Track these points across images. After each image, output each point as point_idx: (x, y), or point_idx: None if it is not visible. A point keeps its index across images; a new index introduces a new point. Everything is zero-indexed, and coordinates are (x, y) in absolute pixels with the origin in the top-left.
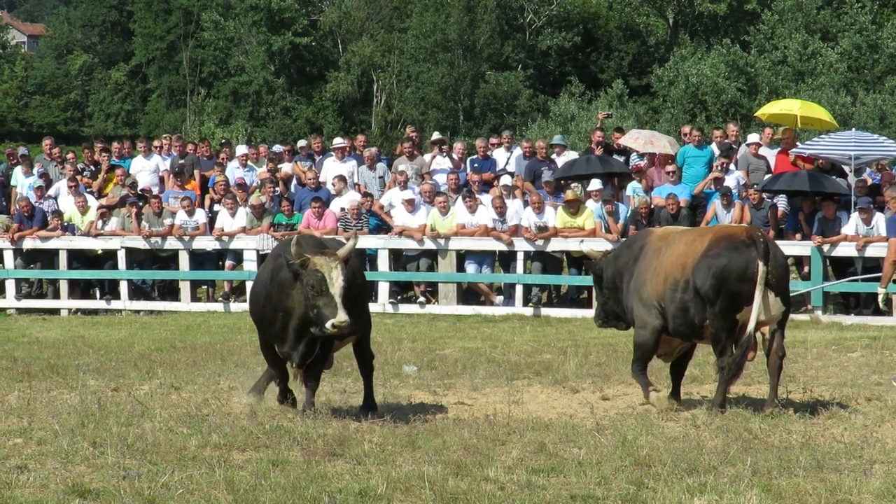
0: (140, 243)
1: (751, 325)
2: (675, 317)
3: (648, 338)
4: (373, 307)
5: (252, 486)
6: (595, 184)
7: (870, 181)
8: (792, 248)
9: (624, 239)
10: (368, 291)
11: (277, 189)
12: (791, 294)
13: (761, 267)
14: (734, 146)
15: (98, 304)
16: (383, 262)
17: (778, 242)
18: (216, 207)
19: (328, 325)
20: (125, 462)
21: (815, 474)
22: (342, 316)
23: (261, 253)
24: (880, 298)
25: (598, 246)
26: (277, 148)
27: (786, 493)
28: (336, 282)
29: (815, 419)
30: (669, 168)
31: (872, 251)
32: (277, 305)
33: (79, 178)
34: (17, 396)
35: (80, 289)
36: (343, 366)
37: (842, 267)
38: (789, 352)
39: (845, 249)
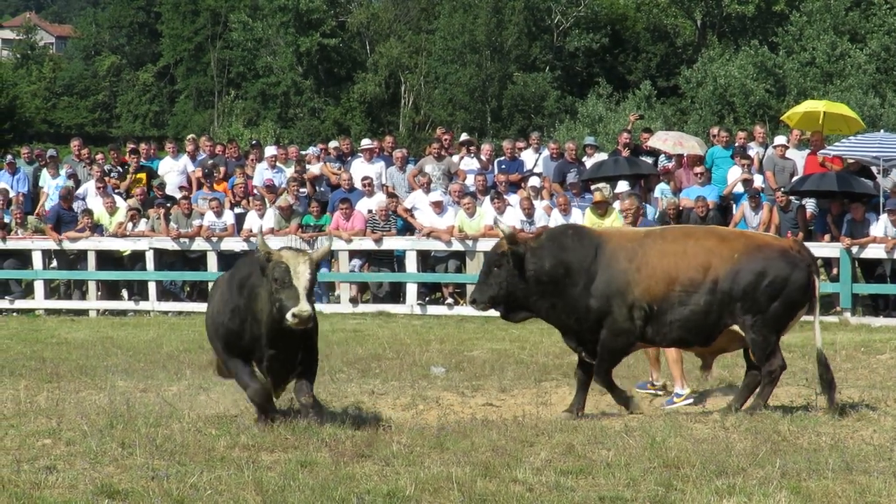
0: (169, 244)
1: (819, 340)
2: (677, 319)
3: (625, 343)
4: (401, 308)
5: (281, 486)
6: (622, 185)
7: None
8: (821, 249)
9: (540, 229)
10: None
11: (304, 190)
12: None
13: (817, 280)
14: (746, 148)
15: (126, 305)
16: (411, 264)
17: (806, 244)
18: (237, 210)
19: (289, 315)
20: (154, 463)
21: (845, 476)
22: (304, 305)
23: None
24: None
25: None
26: (314, 149)
27: (815, 495)
28: (301, 275)
29: (844, 421)
30: (698, 170)
31: None
32: (245, 314)
33: (106, 179)
34: (46, 397)
35: (108, 290)
36: (371, 367)
37: (870, 269)
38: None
39: (874, 251)
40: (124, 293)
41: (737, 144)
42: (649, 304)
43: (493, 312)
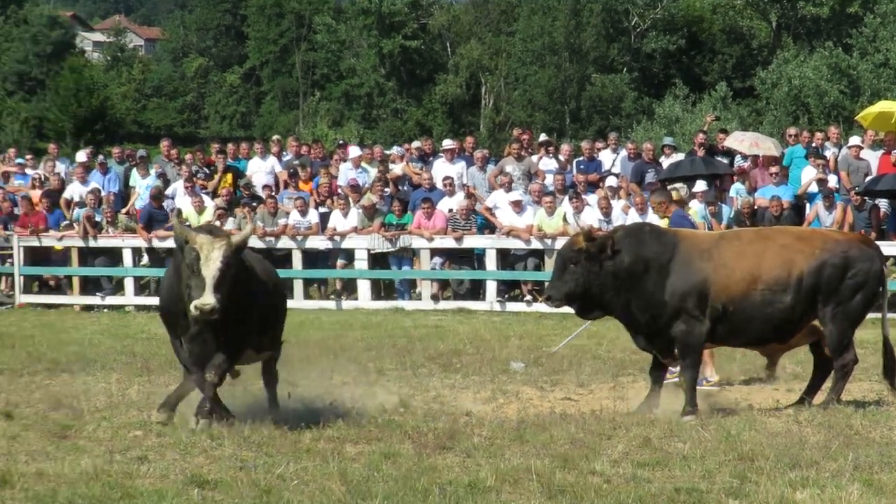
0: (256, 243)
1: (886, 329)
2: (760, 317)
3: (699, 340)
4: (481, 305)
5: (365, 477)
6: (700, 185)
7: None
8: (893, 248)
9: (616, 228)
10: (282, 312)
11: (387, 190)
12: None
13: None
14: (821, 149)
15: None
16: (491, 262)
17: (879, 243)
18: (321, 209)
19: (192, 305)
20: (242, 454)
21: None
22: (207, 298)
23: (371, 252)
24: None
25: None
26: (397, 149)
27: (887, 487)
28: (212, 262)
29: None
30: (773, 169)
31: None
32: (177, 295)
33: (195, 179)
34: (136, 390)
35: None
36: (452, 362)
37: None
38: None
39: None
40: None
41: (813, 145)
42: (724, 304)
43: (569, 309)
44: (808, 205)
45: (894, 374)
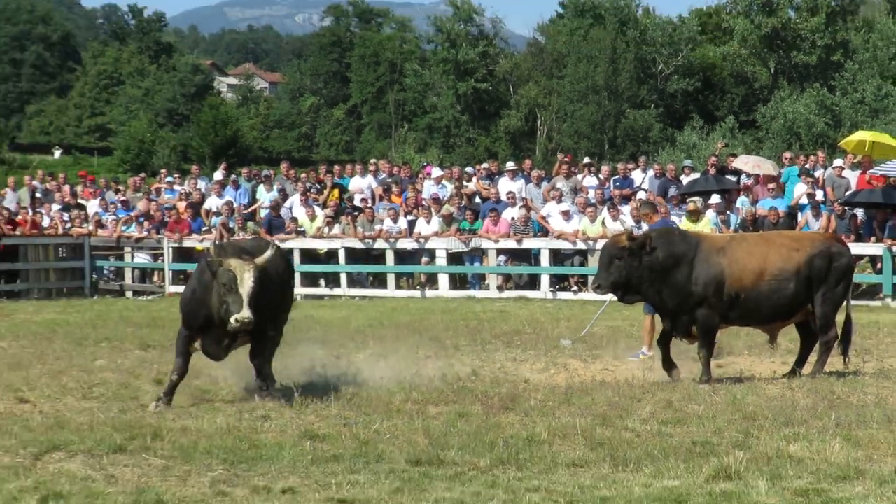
0: (356, 244)
1: (850, 309)
2: (763, 301)
3: (716, 322)
4: (537, 294)
5: (443, 432)
6: (713, 198)
7: None
8: (868, 248)
9: (651, 230)
10: (288, 302)
11: (463, 202)
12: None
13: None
14: (812, 169)
15: (323, 291)
16: (545, 259)
17: (856, 244)
18: (409, 217)
19: (232, 319)
20: (345, 413)
21: (886, 427)
22: (245, 312)
23: (449, 252)
24: None
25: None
26: (470, 170)
27: (862, 441)
28: (245, 282)
29: (886, 383)
30: (771, 185)
31: None
32: (201, 303)
33: (308, 193)
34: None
35: (309, 279)
36: (513, 340)
37: None
38: (865, 331)
39: None
40: (321, 282)
41: (806, 166)
42: (737, 291)
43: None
44: (799, 214)
45: (849, 346)
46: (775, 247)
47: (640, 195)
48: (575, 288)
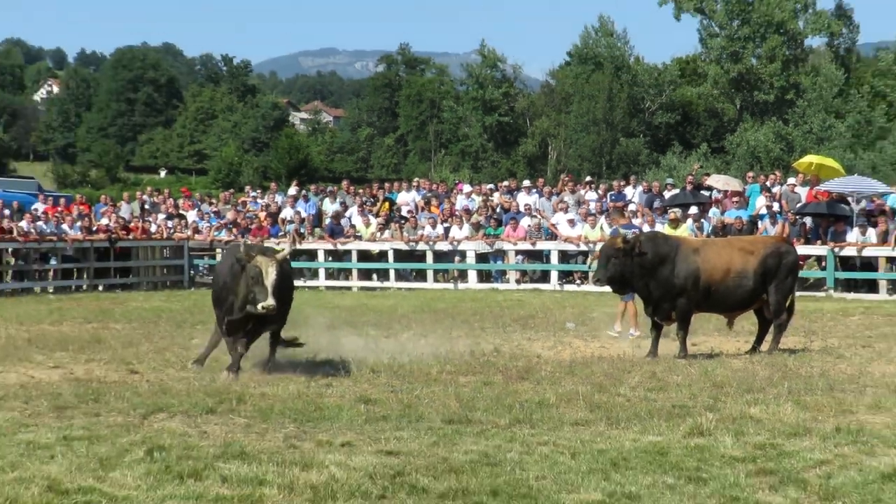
0: (402, 246)
1: (794, 297)
2: (729, 294)
3: (692, 309)
4: (547, 286)
5: (471, 397)
6: (691, 209)
7: (865, 208)
8: (815, 250)
9: (638, 233)
10: (289, 301)
11: (488, 212)
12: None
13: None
14: (770, 186)
15: (375, 283)
16: (554, 258)
17: (806, 247)
18: (445, 224)
19: (259, 306)
20: (392, 381)
21: (829, 394)
22: (270, 301)
23: (477, 252)
24: None
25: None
26: (493, 186)
27: (809, 405)
28: (270, 276)
29: (828, 358)
30: (736, 199)
31: (867, 252)
32: (230, 290)
33: (364, 205)
34: (326, 340)
35: (364, 274)
36: (528, 323)
37: (846, 262)
38: (812, 316)
39: (848, 251)
40: (374, 276)
41: (767, 184)
42: (709, 285)
43: (605, 289)
44: (759, 222)
45: (782, 329)
46: (737, 249)
47: (632, 206)
48: (578, 282)
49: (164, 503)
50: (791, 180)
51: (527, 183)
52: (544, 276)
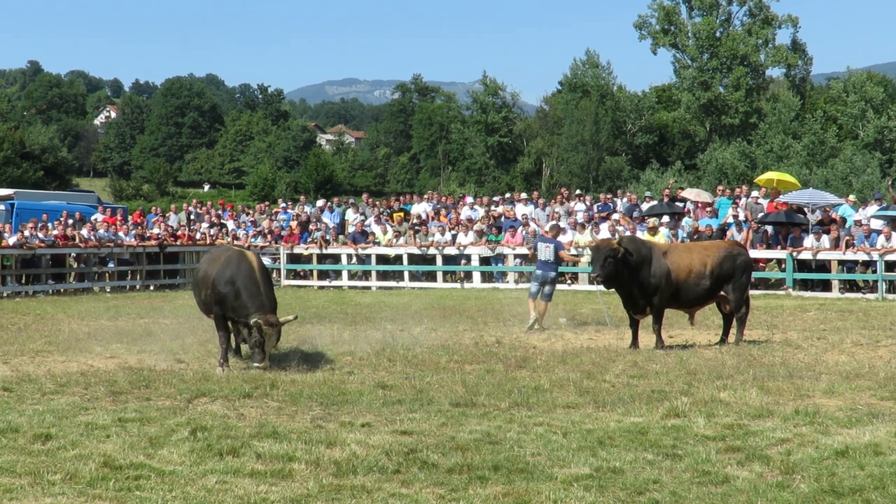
0: (415, 251)
1: (748, 293)
2: (690, 291)
3: (665, 305)
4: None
5: (476, 383)
6: (666, 219)
7: (819, 217)
8: (776, 254)
9: (622, 238)
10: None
11: (490, 221)
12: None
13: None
14: (737, 198)
15: (391, 283)
16: None
17: (768, 251)
18: (452, 232)
19: (255, 365)
20: (406, 369)
21: (789, 380)
22: (266, 363)
23: (481, 256)
24: None
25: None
26: (496, 198)
27: (772, 390)
28: (269, 343)
29: (788, 349)
30: (708, 209)
31: (821, 256)
32: (204, 285)
33: (382, 215)
34: (348, 333)
35: (381, 275)
36: (526, 319)
37: (803, 264)
38: (774, 311)
39: (805, 255)
40: (391, 277)
41: (735, 195)
42: (677, 284)
43: (580, 287)
44: (727, 230)
45: (743, 324)
46: (696, 253)
47: (615, 216)
48: (569, 282)
49: (206, 477)
50: (754, 193)
51: (524, 196)
52: None
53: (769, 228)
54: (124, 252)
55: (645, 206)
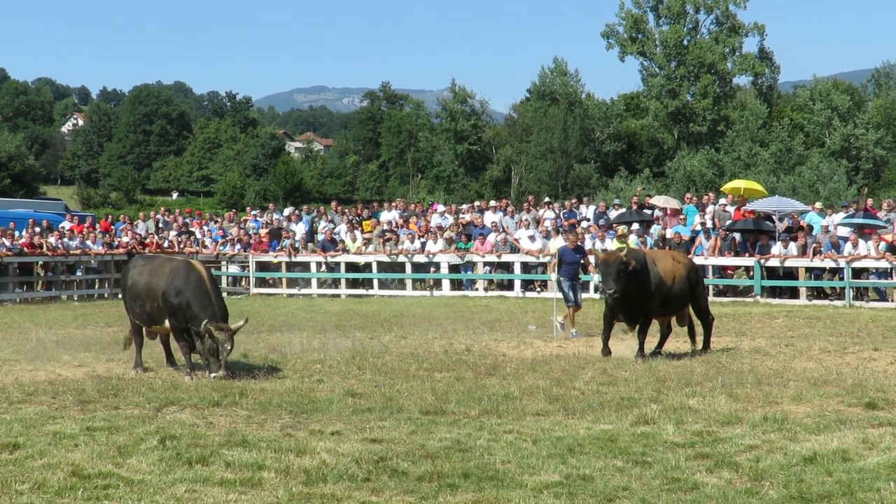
0: (385, 258)
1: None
2: (674, 297)
3: (655, 309)
4: (511, 294)
5: (445, 391)
6: (635, 226)
7: (786, 224)
8: (744, 261)
9: (620, 250)
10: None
11: (459, 229)
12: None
13: None
14: (705, 205)
15: (361, 291)
16: (517, 269)
17: (736, 259)
18: (421, 240)
19: (212, 376)
20: (376, 377)
21: (757, 387)
22: (222, 372)
23: (450, 263)
24: None
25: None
26: (465, 206)
27: (740, 397)
28: (224, 351)
29: (756, 356)
30: (679, 217)
31: (789, 263)
32: (149, 297)
33: (351, 223)
34: (318, 341)
35: (352, 283)
36: (495, 325)
37: (771, 272)
38: (742, 318)
39: (773, 262)
40: (360, 285)
41: (703, 202)
42: (667, 291)
43: (548, 294)
44: (696, 237)
45: (710, 331)
46: (674, 261)
47: (584, 223)
48: (539, 289)
49: (175, 486)
50: (722, 200)
51: (493, 203)
52: (509, 285)
53: (737, 236)
54: (92, 260)
55: (613, 214)
